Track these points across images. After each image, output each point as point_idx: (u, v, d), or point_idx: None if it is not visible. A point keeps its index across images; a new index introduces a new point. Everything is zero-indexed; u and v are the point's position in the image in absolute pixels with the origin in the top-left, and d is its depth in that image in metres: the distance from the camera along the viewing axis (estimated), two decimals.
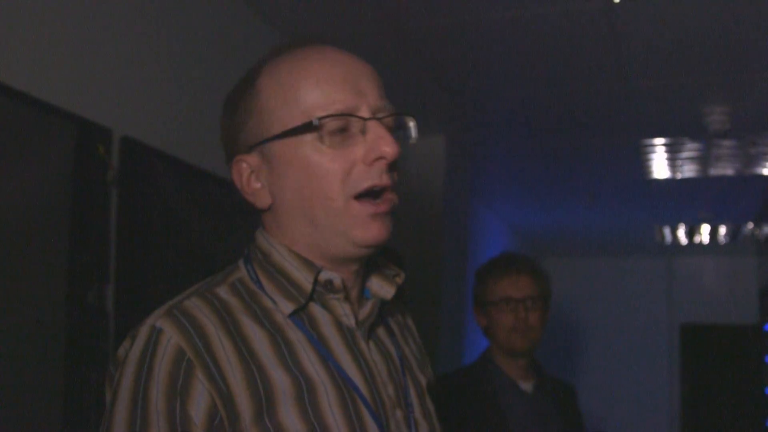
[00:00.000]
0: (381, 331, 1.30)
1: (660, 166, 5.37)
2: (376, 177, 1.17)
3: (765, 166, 5.28)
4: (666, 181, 5.74)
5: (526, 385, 2.68)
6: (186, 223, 2.52)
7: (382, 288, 1.29)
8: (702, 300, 8.80)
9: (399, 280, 1.31)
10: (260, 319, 1.17)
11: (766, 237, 6.48)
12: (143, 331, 1.12)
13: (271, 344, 1.15)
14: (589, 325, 8.76)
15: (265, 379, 1.11)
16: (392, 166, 1.20)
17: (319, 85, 1.19)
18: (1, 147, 1.93)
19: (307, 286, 1.20)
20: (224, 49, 2.90)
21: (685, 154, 5.05)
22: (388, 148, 1.17)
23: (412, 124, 1.27)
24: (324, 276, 1.20)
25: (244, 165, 1.23)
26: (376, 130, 1.18)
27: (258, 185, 1.23)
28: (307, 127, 1.17)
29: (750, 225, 7.11)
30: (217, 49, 2.86)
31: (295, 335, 1.17)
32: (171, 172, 2.49)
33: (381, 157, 1.17)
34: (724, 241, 7.82)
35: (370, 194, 1.18)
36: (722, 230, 7.41)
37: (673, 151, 4.98)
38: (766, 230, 6.45)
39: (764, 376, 6.87)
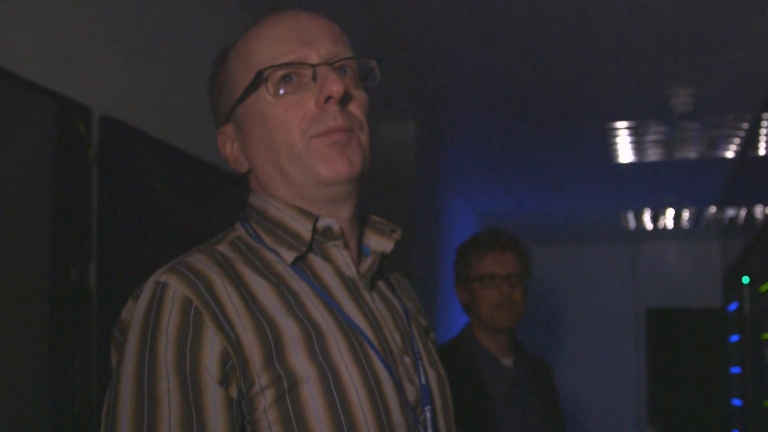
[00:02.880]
0: (382, 285, 1.32)
1: (625, 150, 5.43)
2: (330, 118, 1.20)
3: (728, 149, 5.36)
4: (631, 165, 5.80)
5: (507, 361, 2.70)
6: (166, 200, 2.54)
7: (380, 243, 1.32)
8: (667, 284, 8.91)
9: (396, 235, 1.34)
10: (262, 271, 1.19)
11: (729, 220, 6.58)
12: (147, 288, 1.13)
13: (276, 294, 1.16)
14: (556, 311, 8.84)
15: (273, 327, 1.12)
16: (346, 106, 1.23)
17: (267, 43, 1.24)
18: None
19: (306, 234, 1.22)
20: (204, 29, 2.91)
21: (650, 138, 5.11)
22: (335, 86, 1.19)
23: (373, 65, 1.31)
24: (322, 223, 1.22)
25: (225, 135, 1.29)
26: (324, 73, 1.21)
27: (235, 152, 1.29)
28: (256, 81, 1.21)
29: (713, 209, 7.21)
30: (197, 30, 2.87)
31: (298, 285, 1.19)
32: (150, 151, 2.50)
33: (329, 97, 1.20)
34: (688, 226, 7.92)
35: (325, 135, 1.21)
36: (686, 214, 7.51)
37: (638, 134, 5.05)
38: (729, 214, 6.54)
39: (729, 357, 6.98)
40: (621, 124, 4.86)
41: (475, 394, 2.59)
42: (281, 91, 1.21)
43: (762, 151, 4.60)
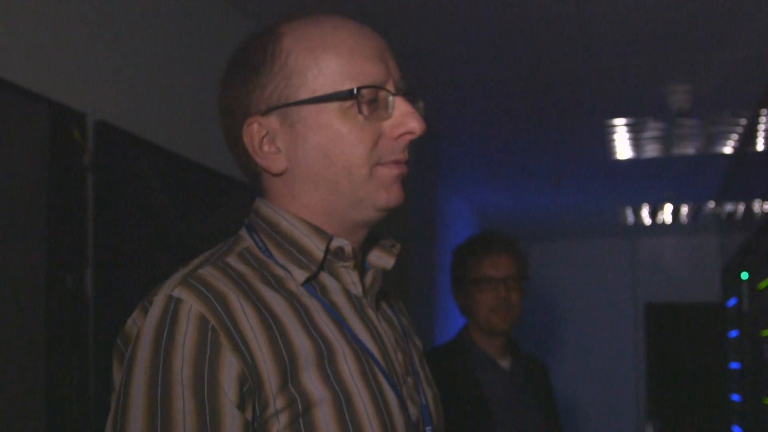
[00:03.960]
0: (383, 304, 1.32)
1: (623, 147, 5.42)
2: (400, 152, 1.20)
3: (726, 145, 5.35)
4: (629, 161, 5.80)
5: (504, 363, 2.71)
6: (162, 206, 2.53)
7: (380, 258, 1.31)
8: (666, 279, 8.91)
9: (396, 250, 1.32)
10: (275, 286, 1.17)
11: (728, 215, 6.57)
12: (159, 301, 1.09)
13: (291, 309, 1.15)
14: (554, 307, 8.84)
15: (288, 345, 1.11)
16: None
17: (352, 55, 1.19)
18: None
19: (319, 254, 1.20)
20: (199, 34, 2.90)
21: (648, 134, 5.11)
22: (416, 124, 1.19)
23: (422, 105, 1.28)
24: (335, 243, 1.20)
25: (258, 127, 1.21)
26: (403, 106, 1.20)
27: (272, 149, 1.21)
28: (344, 95, 1.17)
29: (711, 204, 7.21)
30: (193, 35, 2.86)
31: (310, 302, 1.18)
32: (146, 156, 2.49)
33: (408, 132, 1.19)
34: (686, 221, 7.92)
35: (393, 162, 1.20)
36: (684, 210, 7.50)
37: (636, 131, 5.04)
38: (728, 209, 6.54)
39: (728, 352, 6.97)
40: (619, 121, 4.85)
41: (473, 397, 2.60)
42: (365, 111, 1.18)
43: (760, 147, 4.58)
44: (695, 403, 8.49)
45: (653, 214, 7.71)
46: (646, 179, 6.42)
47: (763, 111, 4.35)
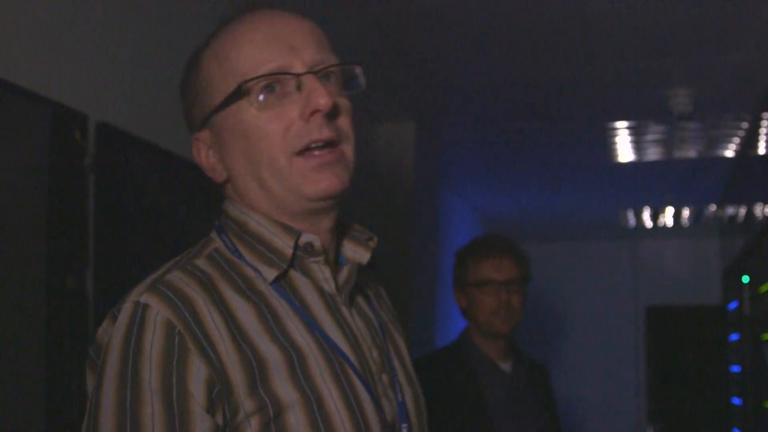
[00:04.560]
0: (359, 298, 1.30)
1: (625, 150, 5.42)
2: (315, 132, 1.16)
3: (727, 149, 5.35)
4: (630, 164, 5.80)
5: (505, 366, 2.71)
6: (163, 207, 2.53)
7: (356, 252, 1.29)
8: (667, 282, 8.90)
9: (372, 243, 1.30)
10: (242, 289, 1.16)
11: (729, 219, 6.57)
12: (126, 309, 1.09)
13: (257, 315, 1.14)
14: (555, 309, 8.83)
15: (255, 353, 1.10)
16: (332, 117, 1.19)
17: (247, 49, 1.19)
18: None
19: (288, 251, 1.19)
20: (201, 36, 2.90)
21: (649, 137, 5.11)
22: (322, 99, 1.15)
23: (358, 71, 1.27)
24: (304, 239, 1.19)
25: (198, 142, 1.24)
26: (309, 84, 1.17)
27: (213, 160, 1.24)
28: (238, 92, 1.17)
29: (713, 207, 7.20)
30: (194, 36, 2.86)
31: (278, 303, 1.17)
32: (147, 157, 2.49)
33: (316, 110, 1.16)
34: (688, 224, 7.91)
35: (310, 149, 1.17)
36: (686, 213, 7.50)
37: (637, 134, 5.04)
38: (729, 212, 6.53)
39: (729, 355, 6.97)
40: (621, 124, 4.85)
41: (474, 399, 2.60)
42: (263, 101, 1.17)
43: (761, 151, 4.58)
44: (696, 407, 8.48)
45: (655, 217, 7.71)
46: (647, 182, 6.42)
47: (765, 114, 4.35)
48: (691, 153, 5.47)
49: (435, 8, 3.29)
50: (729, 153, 5.43)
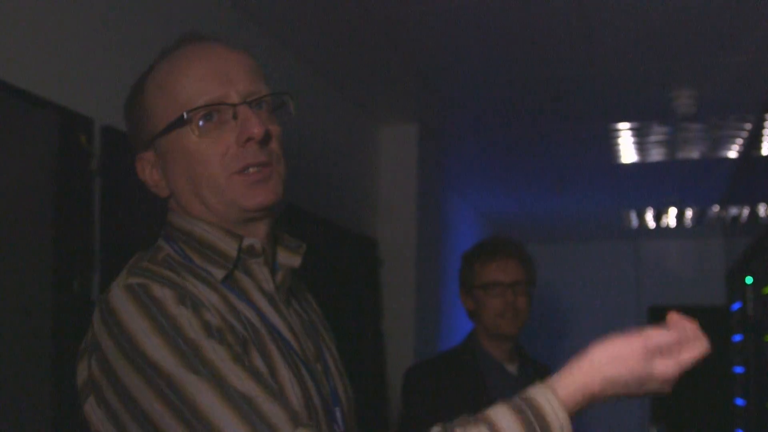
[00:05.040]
0: (293, 300, 1.45)
1: (628, 151, 5.42)
2: (250, 156, 1.30)
3: (731, 149, 5.35)
4: (633, 165, 5.80)
5: (511, 367, 2.73)
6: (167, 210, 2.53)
7: (288, 258, 1.42)
8: (669, 283, 8.90)
9: (302, 251, 1.44)
10: (202, 280, 1.29)
11: (732, 219, 6.57)
12: (119, 292, 1.21)
13: (221, 301, 1.26)
14: (558, 309, 8.83)
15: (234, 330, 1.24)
16: (265, 143, 1.32)
17: (187, 81, 1.32)
18: None
19: (233, 252, 1.33)
20: None
21: (652, 138, 5.11)
22: (255, 129, 1.29)
23: (287, 99, 1.41)
24: (247, 242, 1.33)
25: (142, 161, 1.39)
26: (244, 113, 1.31)
27: (156, 178, 1.38)
28: (180, 121, 1.30)
29: (716, 208, 7.20)
30: None
31: (231, 298, 1.30)
32: None
33: (249, 138, 1.30)
34: (691, 224, 7.91)
35: (249, 168, 1.32)
36: (689, 213, 7.50)
37: (640, 135, 5.04)
38: (732, 213, 6.53)
39: (732, 356, 6.97)
40: (624, 125, 4.85)
41: (481, 401, 2.61)
42: (203, 128, 1.30)
43: (765, 151, 4.59)
44: (699, 407, 8.47)
45: (658, 218, 7.71)
46: (650, 183, 6.42)
47: None
48: (694, 154, 5.47)
49: (438, 10, 3.29)
50: (732, 154, 5.43)
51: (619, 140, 5.17)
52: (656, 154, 5.51)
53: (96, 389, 1.21)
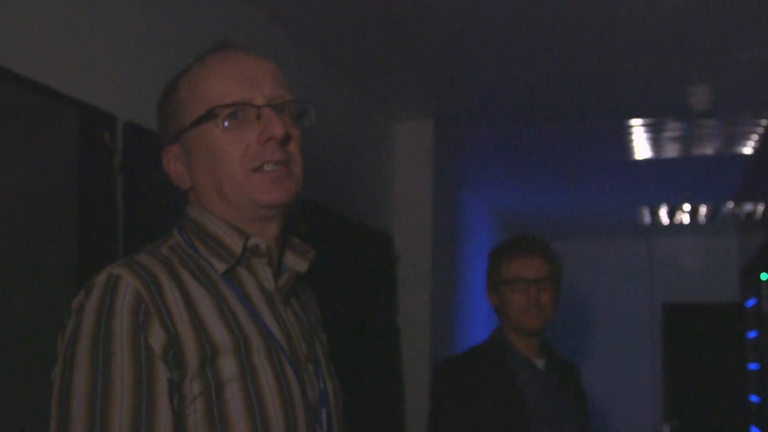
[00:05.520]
0: (293, 300, 1.50)
1: (642, 147, 5.42)
2: (268, 154, 1.37)
3: (746, 146, 5.35)
4: (648, 161, 5.79)
5: (539, 363, 2.77)
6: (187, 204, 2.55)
7: (297, 263, 1.48)
8: (684, 279, 8.88)
9: (310, 256, 1.49)
10: (197, 275, 1.35)
11: (747, 216, 6.56)
12: (100, 279, 1.27)
13: (212, 301, 1.33)
14: (571, 306, 8.83)
15: (208, 336, 1.29)
16: (284, 143, 1.40)
17: (217, 81, 1.40)
18: (7, 134, 1.95)
19: (238, 249, 1.39)
20: (227, 37, 2.92)
21: (667, 135, 5.10)
22: (277, 129, 1.36)
23: (309, 108, 1.49)
24: (252, 241, 1.39)
25: (168, 154, 1.46)
26: (267, 114, 1.38)
27: (179, 171, 1.45)
28: (207, 116, 1.38)
29: (730, 204, 7.19)
30: (220, 37, 2.88)
31: (227, 292, 1.36)
32: None
33: (271, 137, 1.37)
34: (705, 221, 7.90)
35: (267, 167, 1.39)
36: (703, 210, 7.49)
37: (655, 131, 5.03)
38: (747, 209, 6.53)
39: (746, 353, 6.97)
40: (639, 122, 4.85)
41: (512, 396, 2.67)
42: (228, 126, 1.38)
43: None
44: (713, 404, 8.46)
45: (672, 214, 7.70)
46: (665, 179, 6.41)
47: None
48: (709, 150, 5.46)
49: (455, 7, 3.30)
50: (747, 150, 5.42)
51: (635, 137, 5.16)
52: (671, 151, 5.51)
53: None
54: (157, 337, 1.24)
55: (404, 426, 4.52)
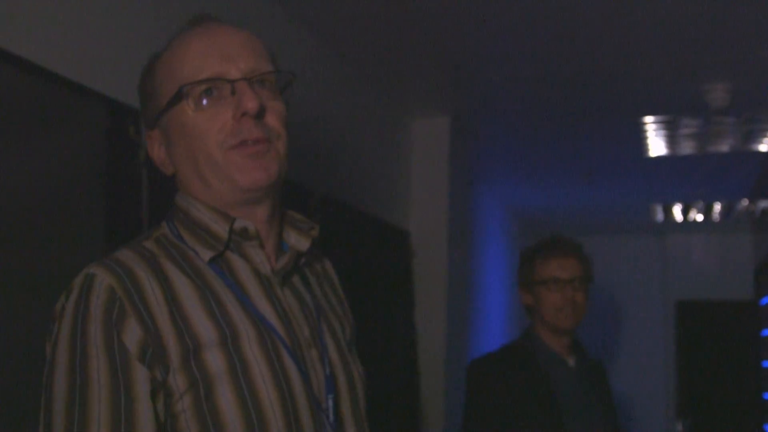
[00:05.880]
0: (296, 280, 1.43)
1: (658, 144, 5.41)
2: (245, 131, 1.31)
3: (761, 143, 5.33)
4: (663, 158, 5.79)
5: (570, 360, 2.85)
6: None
7: (298, 241, 1.42)
8: (698, 277, 8.87)
9: (314, 233, 1.43)
10: (182, 266, 1.31)
11: (762, 213, 6.54)
12: (78, 281, 1.25)
13: (197, 293, 1.28)
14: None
15: (189, 328, 1.24)
16: (261, 117, 1.33)
17: (189, 58, 1.34)
18: (37, 128, 1.96)
19: (224, 234, 1.33)
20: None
21: (682, 131, 5.10)
22: (250, 103, 1.30)
23: (290, 78, 1.41)
24: (239, 224, 1.34)
25: (152, 139, 1.42)
26: (240, 89, 1.32)
27: (164, 155, 1.41)
28: (179, 96, 1.33)
29: (745, 201, 7.17)
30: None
31: (215, 281, 1.31)
32: None
33: (244, 112, 1.30)
34: (719, 218, 7.88)
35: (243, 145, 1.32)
36: (717, 207, 7.47)
37: (671, 128, 5.03)
38: (762, 206, 6.51)
39: (761, 350, 6.95)
40: (654, 118, 4.84)
41: (545, 393, 2.73)
42: (203, 103, 1.32)
43: None
44: (726, 402, 8.44)
45: (686, 212, 7.68)
46: (679, 176, 6.40)
47: None
48: (724, 147, 5.45)
49: (470, 4, 3.30)
50: (763, 147, 5.41)
51: (650, 134, 5.16)
52: (686, 148, 5.50)
53: None
54: (132, 335, 1.20)
55: (420, 422, 4.53)
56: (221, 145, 1.31)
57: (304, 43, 3.47)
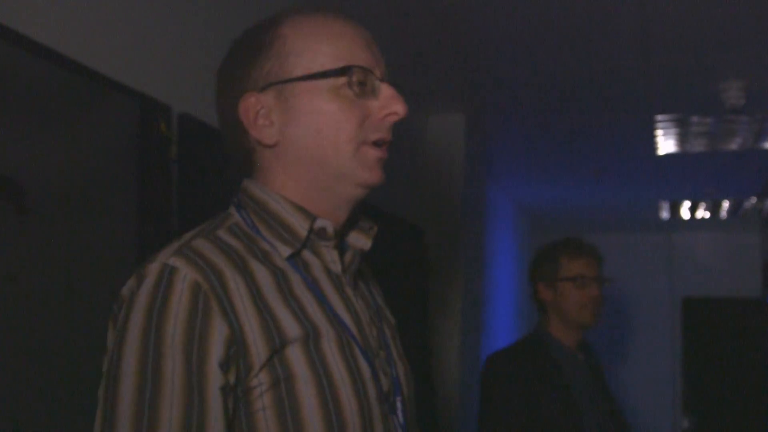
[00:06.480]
0: (360, 282, 1.42)
1: (669, 142, 5.42)
2: (385, 131, 1.31)
3: None
4: (672, 156, 5.80)
5: (580, 355, 2.94)
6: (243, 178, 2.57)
7: (359, 240, 1.39)
8: (705, 274, 8.88)
9: (373, 232, 1.41)
10: (264, 261, 1.25)
11: None
12: (153, 269, 1.17)
13: (277, 287, 1.23)
14: None
15: (278, 327, 1.19)
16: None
17: (344, 41, 1.30)
18: (67, 123, 1.97)
19: (303, 232, 1.29)
20: None
21: (694, 130, 5.11)
22: (400, 107, 1.30)
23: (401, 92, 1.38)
24: (319, 224, 1.30)
25: (254, 101, 1.30)
26: (389, 90, 1.31)
27: (266, 122, 1.30)
28: (336, 73, 1.28)
29: (753, 200, 7.18)
30: None
31: (293, 277, 1.26)
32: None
33: (392, 114, 1.30)
34: (726, 216, 7.89)
35: (376, 144, 1.31)
36: (725, 205, 7.48)
37: (684, 126, 5.04)
38: None
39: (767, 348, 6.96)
40: (667, 117, 4.85)
41: (560, 386, 2.82)
42: (353, 90, 1.28)
43: None
44: (733, 399, 8.46)
45: (694, 209, 7.69)
46: (688, 174, 6.41)
47: None
48: (736, 146, 5.46)
49: (486, 1, 3.32)
50: None
51: (663, 131, 5.17)
52: (697, 146, 5.51)
53: None
54: (218, 335, 1.14)
55: (435, 416, 4.54)
56: (356, 137, 1.28)
57: None
